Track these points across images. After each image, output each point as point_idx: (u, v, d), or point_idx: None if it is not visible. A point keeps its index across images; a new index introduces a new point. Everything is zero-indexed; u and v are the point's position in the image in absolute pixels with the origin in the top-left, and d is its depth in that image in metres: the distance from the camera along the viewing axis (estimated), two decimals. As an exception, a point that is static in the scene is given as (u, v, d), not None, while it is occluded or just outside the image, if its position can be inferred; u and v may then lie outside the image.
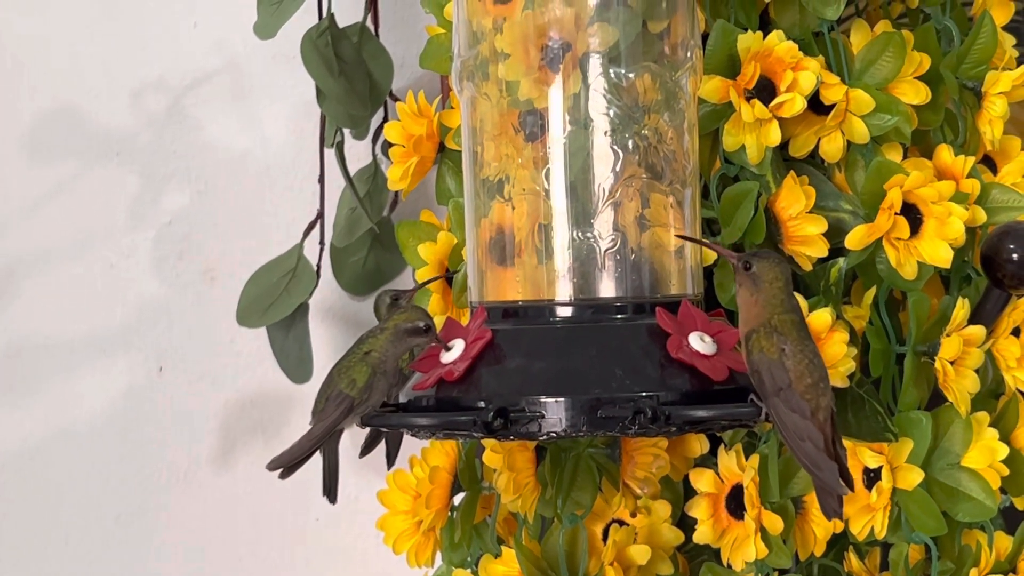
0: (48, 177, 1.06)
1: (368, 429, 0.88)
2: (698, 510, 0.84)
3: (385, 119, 0.99)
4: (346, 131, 0.98)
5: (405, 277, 1.03)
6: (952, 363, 0.84)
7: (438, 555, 0.89)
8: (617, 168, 0.78)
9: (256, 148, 1.05)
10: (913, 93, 0.85)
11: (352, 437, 1.05)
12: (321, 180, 1.00)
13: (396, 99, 0.96)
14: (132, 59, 1.05)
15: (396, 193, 1.01)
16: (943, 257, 0.84)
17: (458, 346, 0.78)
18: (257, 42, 0.95)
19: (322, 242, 1.00)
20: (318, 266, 1.00)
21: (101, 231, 1.06)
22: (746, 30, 0.83)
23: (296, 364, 1.00)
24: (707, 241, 0.82)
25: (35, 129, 1.06)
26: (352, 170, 0.99)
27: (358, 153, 1.01)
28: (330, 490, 0.86)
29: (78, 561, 1.06)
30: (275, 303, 0.99)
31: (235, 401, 1.06)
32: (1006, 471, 0.85)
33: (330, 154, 0.99)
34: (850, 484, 0.75)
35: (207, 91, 1.05)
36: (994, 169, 0.90)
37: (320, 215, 1.00)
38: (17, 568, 1.06)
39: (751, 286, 0.76)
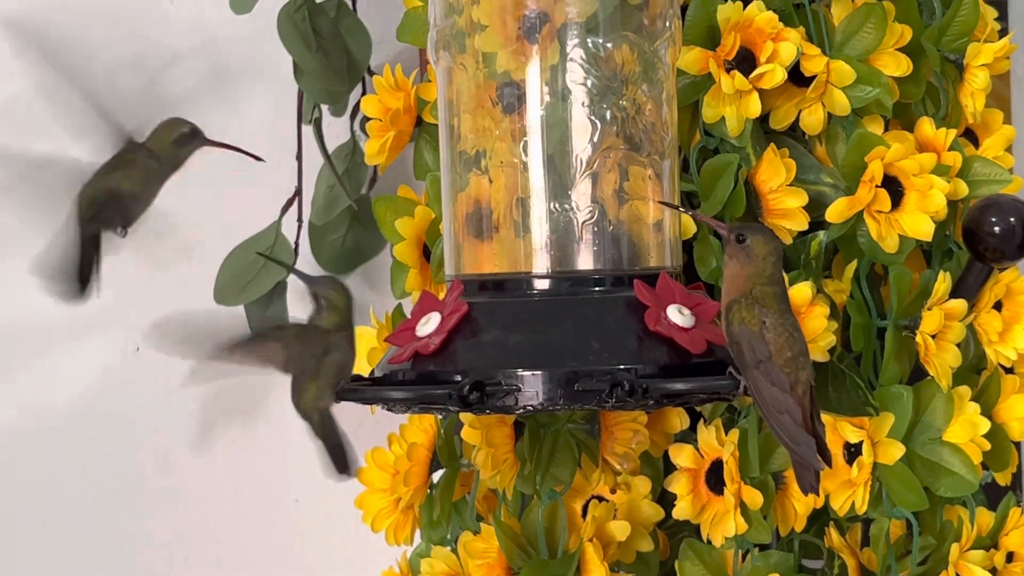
0: (23, 158, 1.06)
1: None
2: (678, 486, 0.84)
3: (363, 94, 0.98)
4: (324, 108, 0.98)
5: (384, 256, 1.02)
6: (933, 337, 0.84)
7: (417, 533, 0.89)
8: (595, 139, 0.78)
9: (233, 125, 1.04)
10: (894, 65, 0.85)
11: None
12: (299, 157, 1.00)
13: (373, 74, 0.95)
14: (107, 37, 1.05)
15: (375, 170, 1.01)
16: (924, 230, 0.83)
17: (434, 319, 0.77)
18: (233, 18, 0.95)
19: (300, 219, 1.00)
20: (296, 244, 0.99)
21: (76, 211, 1.05)
22: (726, 0, 0.83)
23: (274, 343, 0.99)
24: (692, 212, 0.82)
25: (10, 109, 1.06)
26: (330, 147, 0.98)
27: (336, 130, 1.00)
28: (342, 464, 0.84)
29: (55, 545, 1.06)
30: (253, 281, 0.99)
31: (213, 381, 1.05)
32: (987, 446, 0.85)
33: (308, 131, 0.98)
34: (828, 460, 0.75)
35: (184, 68, 1.05)
36: (976, 142, 0.90)
37: (298, 192, 1.00)
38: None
39: (743, 259, 0.76)
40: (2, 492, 1.05)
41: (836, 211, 0.83)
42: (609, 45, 0.78)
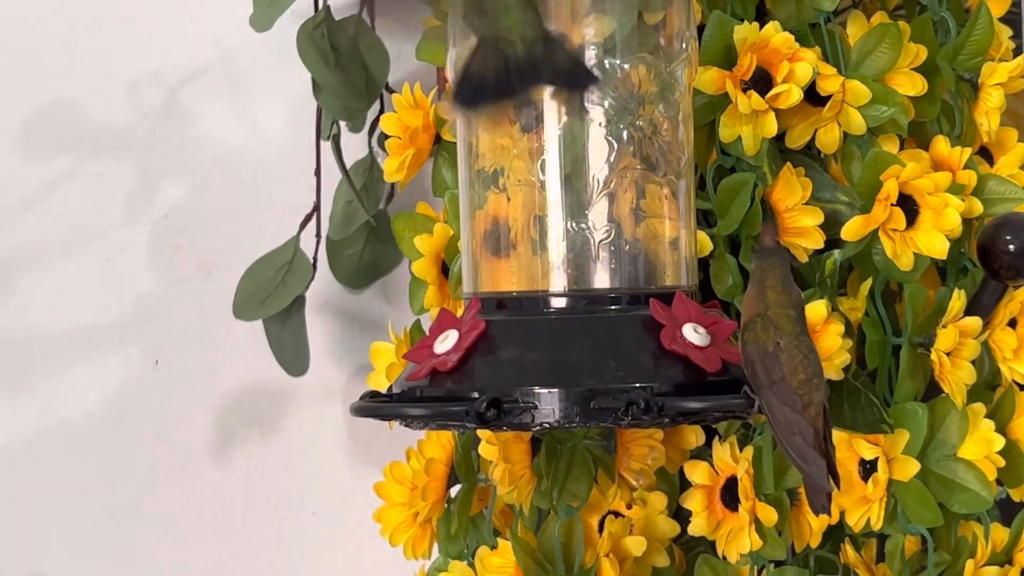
0: (43, 172, 1.07)
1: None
2: (693, 502, 0.85)
3: (381, 112, 0.99)
4: (342, 124, 0.99)
5: (401, 270, 1.03)
6: (948, 354, 0.84)
7: (435, 547, 0.90)
8: (612, 159, 0.79)
9: (252, 141, 1.05)
10: (910, 84, 0.86)
11: (348, 428, 1.05)
12: (317, 173, 1.01)
13: (392, 91, 0.96)
14: (128, 53, 1.06)
15: (392, 186, 1.01)
16: (939, 248, 0.84)
17: (452, 337, 0.78)
18: (253, 35, 0.96)
19: (318, 235, 1.00)
20: (314, 259, 1.00)
21: (97, 225, 1.06)
22: (742, 21, 0.84)
23: (293, 357, 1.00)
24: None
25: (30, 124, 1.07)
26: (348, 163, 0.99)
27: (354, 146, 1.01)
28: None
29: (72, 556, 1.07)
30: (271, 296, 0.99)
31: (231, 395, 1.06)
32: (1002, 462, 0.85)
33: (326, 147, 0.99)
34: (837, 481, 0.76)
35: (203, 85, 1.05)
36: (991, 160, 0.91)
37: (316, 208, 1.01)
38: (9, 564, 1.06)
39: (753, 279, 0.76)
40: (20, 503, 1.06)
41: (851, 229, 0.84)
42: (626, 66, 0.79)
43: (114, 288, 1.06)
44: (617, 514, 0.86)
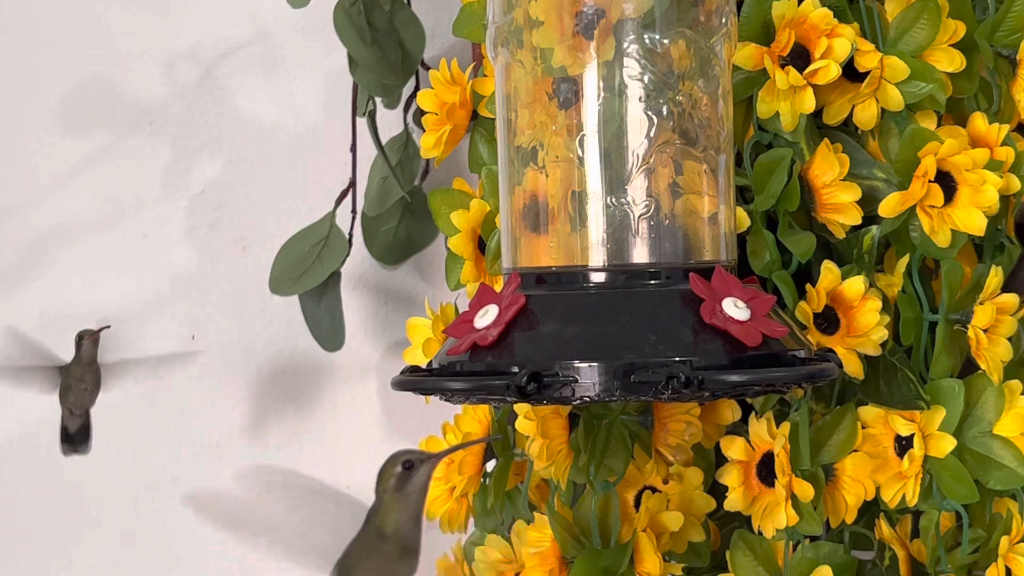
0: (81, 148, 1.07)
1: None
2: (729, 477, 0.85)
3: (416, 88, 0.99)
4: (378, 100, 0.98)
5: (435, 247, 1.03)
6: (985, 331, 0.83)
7: (471, 521, 0.89)
8: (651, 134, 0.78)
9: (288, 118, 1.05)
10: (948, 61, 0.85)
11: (383, 403, 1.05)
12: (353, 149, 1.00)
13: (428, 68, 0.96)
14: (164, 30, 1.06)
15: (427, 162, 1.01)
16: (977, 225, 0.83)
17: (492, 311, 0.78)
18: (289, 11, 0.96)
19: (354, 211, 1.00)
20: (350, 235, 1.00)
21: (134, 201, 1.06)
22: (781, -3, 0.83)
23: (328, 332, 1.00)
24: None
25: (67, 100, 1.07)
26: (384, 139, 0.99)
27: (389, 122, 1.01)
28: None
29: (108, 531, 1.07)
30: (307, 272, 0.99)
31: (267, 369, 1.06)
32: (1038, 439, 0.85)
33: (362, 123, 0.99)
34: None
35: (239, 61, 1.05)
36: (1028, 137, 0.90)
37: (352, 184, 1.00)
38: (47, 538, 1.07)
39: None
40: (55, 479, 1.06)
41: (889, 206, 0.83)
42: (665, 41, 0.78)
43: (151, 263, 1.06)
44: (654, 489, 0.86)
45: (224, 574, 1.06)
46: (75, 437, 1.01)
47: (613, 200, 0.78)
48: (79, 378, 1.00)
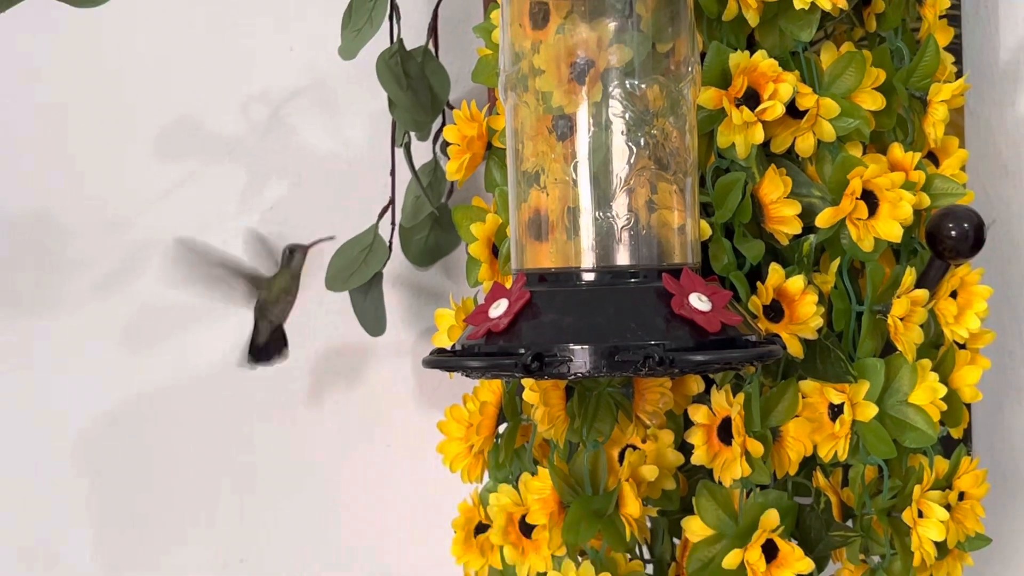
0: (172, 174, 1.07)
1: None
2: (695, 437, 0.85)
3: (443, 124, 0.99)
4: (412, 134, 0.99)
5: (459, 252, 1.03)
6: (902, 319, 0.84)
7: (486, 473, 0.90)
8: (631, 161, 0.78)
9: (340, 148, 1.06)
10: (871, 101, 0.85)
11: (417, 379, 1.05)
12: (392, 173, 1.01)
13: (452, 107, 0.96)
14: (241, 77, 1.06)
15: (452, 184, 1.01)
16: (895, 234, 0.83)
17: (503, 304, 0.78)
18: (341, 62, 0.96)
19: (393, 223, 1.00)
20: (390, 243, 1.00)
21: (216, 216, 1.07)
22: (736, 50, 0.83)
23: (372, 321, 1.00)
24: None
25: (162, 134, 1.07)
26: (417, 165, 0.99)
27: (422, 152, 1.01)
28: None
29: (191, 490, 1.07)
30: (356, 272, 0.99)
31: (323, 351, 1.06)
32: (944, 407, 0.85)
33: (399, 153, 0.99)
34: None
35: (301, 102, 1.06)
36: (936, 163, 0.90)
37: (391, 201, 1.01)
38: (144, 499, 1.07)
39: None
40: (144, 455, 1.06)
41: (824, 218, 0.83)
42: (643, 86, 0.79)
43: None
44: (634, 447, 0.86)
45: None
46: (266, 348, 0.95)
47: (601, 214, 0.78)
48: (285, 289, 0.95)
